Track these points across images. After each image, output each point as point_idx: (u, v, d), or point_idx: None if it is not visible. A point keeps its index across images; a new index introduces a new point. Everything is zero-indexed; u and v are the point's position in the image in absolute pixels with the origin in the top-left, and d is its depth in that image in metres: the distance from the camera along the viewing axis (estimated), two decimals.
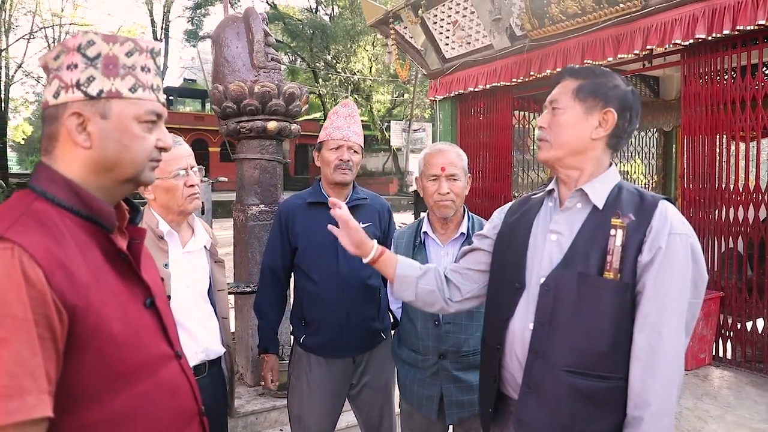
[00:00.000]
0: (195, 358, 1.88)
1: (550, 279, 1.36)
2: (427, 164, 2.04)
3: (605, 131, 1.37)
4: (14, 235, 0.87)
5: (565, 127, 1.38)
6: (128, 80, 1.01)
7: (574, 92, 1.38)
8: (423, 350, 2.03)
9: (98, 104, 0.98)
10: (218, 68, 3.44)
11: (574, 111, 1.37)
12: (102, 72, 0.99)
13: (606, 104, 1.36)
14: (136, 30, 38.14)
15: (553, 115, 1.41)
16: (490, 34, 6.74)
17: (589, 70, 1.41)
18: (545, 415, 1.34)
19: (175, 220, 1.91)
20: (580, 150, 1.38)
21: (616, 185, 1.39)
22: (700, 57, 4.92)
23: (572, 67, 1.44)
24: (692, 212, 5.01)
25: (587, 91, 1.37)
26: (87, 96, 0.98)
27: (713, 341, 4.86)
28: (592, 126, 1.37)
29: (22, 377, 0.82)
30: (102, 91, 0.98)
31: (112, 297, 0.98)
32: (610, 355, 1.29)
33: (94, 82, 0.98)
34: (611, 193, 1.37)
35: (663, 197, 1.36)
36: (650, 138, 9.39)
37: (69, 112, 0.98)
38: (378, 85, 28.95)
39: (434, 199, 2.01)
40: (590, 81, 1.38)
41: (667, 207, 1.32)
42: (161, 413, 1.04)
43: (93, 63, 0.98)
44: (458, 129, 8.12)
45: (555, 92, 1.43)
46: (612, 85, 1.38)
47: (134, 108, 1.02)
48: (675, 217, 1.31)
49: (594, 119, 1.37)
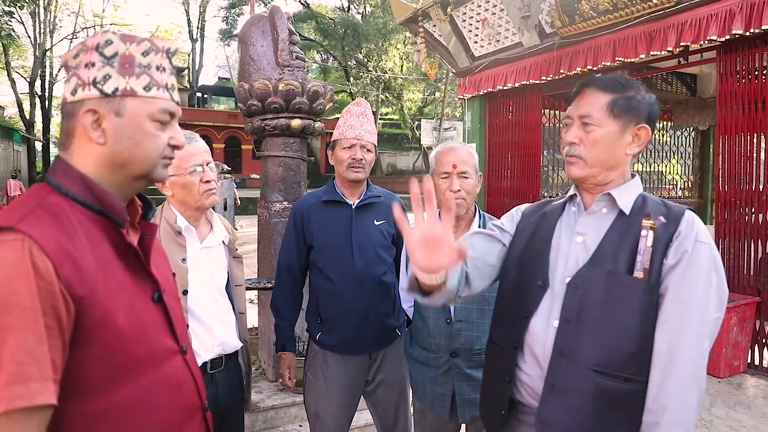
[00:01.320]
0: (212, 351, 1.91)
1: (578, 278, 1.36)
2: (439, 162, 2.05)
3: (639, 147, 1.38)
4: (26, 226, 0.90)
5: (601, 145, 1.36)
6: (143, 79, 1.03)
7: (608, 108, 1.35)
8: (435, 348, 2.02)
9: (113, 102, 1.01)
10: (244, 66, 3.49)
11: (610, 128, 1.35)
12: (118, 70, 1.01)
13: (639, 120, 1.36)
14: (173, 30, 39.01)
15: (585, 131, 1.37)
16: (519, 32, 6.65)
17: (617, 82, 1.38)
18: (569, 416, 1.32)
19: (192, 215, 1.94)
20: (614, 166, 1.39)
21: (640, 195, 1.41)
22: (736, 53, 4.76)
23: (599, 79, 1.40)
24: (727, 214, 4.86)
25: (621, 108, 1.35)
26: (102, 93, 1.00)
27: (748, 348, 4.70)
28: (627, 142, 1.37)
29: (28, 365, 0.85)
30: (117, 89, 1.01)
31: (119, 290, 1.00)
32: (637, 355, 1.29)
33: (110, 80, 1.01)
34: (636, 201, 1.39)
35: (688, 207, 1.37)
36: (686, 137, 9.13)
37: (85, 108, 1.00)
38: (409, 83, 28.90)
39: (445, 197, 2.01)
40: (621, 96, 1.36)
41: (693, 216, 1.34)
42: (164, 406, 1.06)
43: (110, 62, 1.01)
44: (486, 128, 8.05)
45: (585, 106, 1.38)
46: (641, 98, 1.37)
47: (148, 106, 1.04)
48: (701, 227, 1.32)
49: (628, 136, 1.37)
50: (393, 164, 33.33)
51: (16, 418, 0.84)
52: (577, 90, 1.44)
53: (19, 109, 29.56)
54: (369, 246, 2.25)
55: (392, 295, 2.32)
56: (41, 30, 28.06)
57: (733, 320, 4.49)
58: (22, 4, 19.98)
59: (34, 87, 28.79)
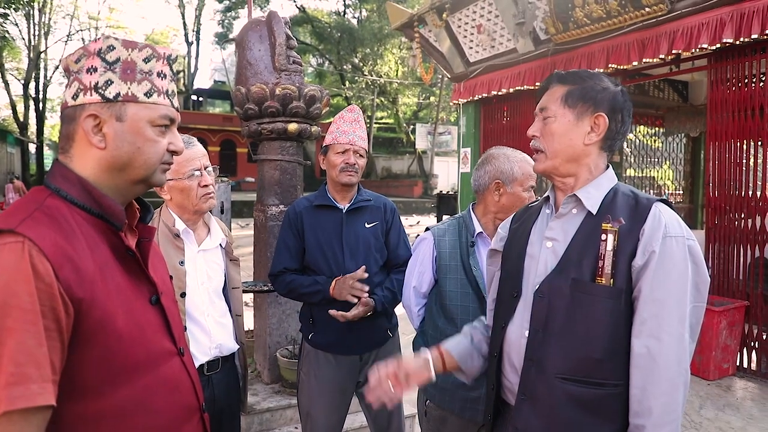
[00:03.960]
0: (208, 353, 1.93)
1: (544, 285, 1.35)
2: (528, 175, 2.01)
3: (597, 136, 1.35)
4: (25, 229, 0.91)
5: (557, 135, 1.36)
6: (144, 85, 1.05)
7: (563, 99, 1.36)
8: None
9: (114, 107, 1.03)
10: (241, 70, 3.52)
11: (565, 118, 1.35)
12: (120, 76, 1.03)
13: (596, 109, 1.34)
14: (169, 33, 38.95)
15: (544, 123, 1.39)
16: (514, 38, 6.71)
17: (576, 75, 1.39)
18: (540, 423, 1.33)
19: (190, 219, 1.97)
20: (575, 157, 1.36)
21: (612, 189, 1.36)
22: (727, 62, 4.82)
23: (559, 73, 1.42)
24: (717, 219, 4.91)
25: (576, 97, 1.35)
26: (104, 99, 1.02)
27: (737, 351, 4.75)
28: (584, 132, 1.35)
29: (27, 366, 0.86)
30: (119, 95, 1.03)
31: (118, 292, 1.01)
32: (605, 361, 1.27)
33: (111, 86, 1.02)
34: (606, 198, 1.34)
35: (658, 199, 1.32)
36: (677, 143, 9.22)
37: (86, 113, 1.02)
38: (404, 88, 29.00)
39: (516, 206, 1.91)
40: (578, 86, 1.36)
41: (660, 209, 1.28)
42: (162, 407, 1.07)
43: (112, 67, 1.03)
44: (481, 133, 8.10)
45: (543, 99, 1.41)
46: (600, 88, 1.35)
47: (149, 112, 1.06)
48: (670, 219, 1.27)
49: (585, 125, 1.34)
50: (388, 168, 33.38)
51: (15, 419, 0.85)
52: (542, 87, 1.44)
53: (13, 112, 29.43)
54: (360, 248, 2.29)
55: None
56: (36, 32, 27.97)
57: (722, 324, 4.54)
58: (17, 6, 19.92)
59: (28, 89, 28.68)
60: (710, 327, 4.47)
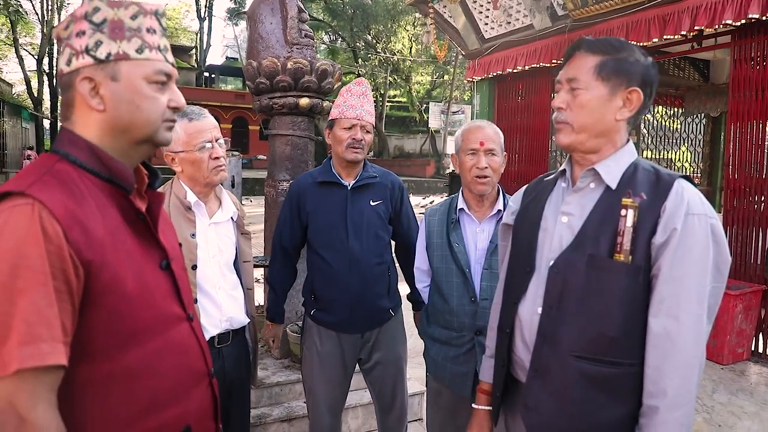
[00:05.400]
0: (219, 326, 1.93)
1: (559, 261, 1.32)
2: (466, 139, 2.03)
3: (630, 112, 1.29)
4: (35, 191, 0.91)
5: (587, 109, 1.28)
6: (134, 42, 1.03)
7: (597, 70, 1.28)
8: (458, 327, 2.01)
9: (107, 67, 1.01)
10: (253, 44, 3.47)
11: (598, 91, 1.28)
12: (109, 36, 1.01)
13: (630, 83, 1.27)
14: (181, 8, 38.73)
15: (573, 95, 1.31)
16: (530, 14, 6.57)
17: (608, 43, 1.31)
18: (552, 400, 1.31)
19: (202, 191, 1.95)
20: (604, 132, 1.30)
21: (632, 164, 1.31)
22: (752, 38, 4.68)
23: (588, 40, 1.34)
24: (736, 202, 4.82)
25: (610, 69, 1.27)
26: (96, 60, 1.01)
27: (752, 336, 4.70)
28: (617, 107, 1.28)
29: (38, 326, 0.86)
30: (110, 54, 1.01)
31: (128, 256, 1.01)
32: (620, 340, 1.24)
33: (101, 46, 1.01)
34: (626, 172, 1.29)
35: (680, 175, 1.28)
36: (697, 124, 9.04)
37: (81, 77, 1.01)
38: (417, 65, 28.69)
39: (472, 174, 1.99)
40: (612, 57, 1.28)
41: (683, 186, 1.24)
42: (170, 371, 1.08)
43: (100, 28, 1.01)
44: (495, 111, 7.99)
45: (572, 69, 1.32)
46: (634, 59, 1.29)
47: (142, 68, 1.04)
48: (693, 197, 1.23)
49: (618, 99, 1.28)
50: (400, 147, 33.21)
51: (27, 378, 0.86)
52: (567, 53, 1.36)
53: (27, 87, 29.61)
54: (364, 227, 2.25)
55: (387, 276, 2.32)
56: (49, 7, 27.96)
57: (738, 308, 4.48)
58: None
59: (41, 65, 28.79)
60: (726, 311, 4.41)
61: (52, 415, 0.89)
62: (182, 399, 1.11)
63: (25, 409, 0.86)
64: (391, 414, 2.45)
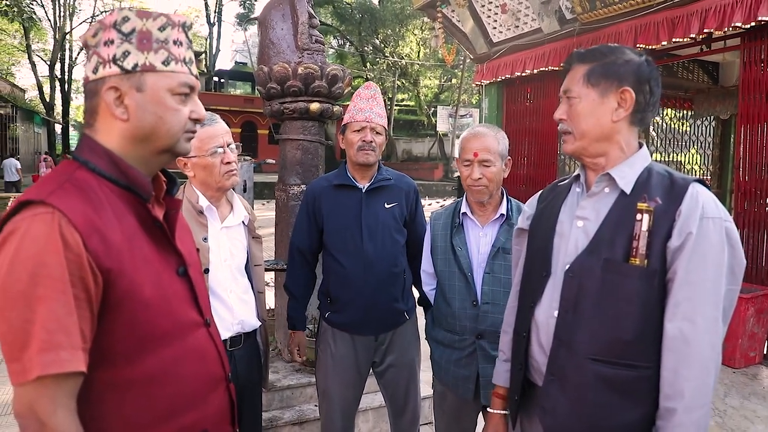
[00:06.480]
0: (231, 329, 1.95)
1: (575, 265, 1.33)
2: (462, 149, 2.05)
3: (626, 111, 1.31)
4: (55, 200, 0.93)
5: (583, 116, 1.33)
6: (161, 54, 1.04)
7: (585, 78, 1.33)
8: (460, 330, 2.03)
9: (134, 78, 1.03)
10: (264, 50, 3.51)
11: (589, 97, 1.32)
12: (137, 46, 1.03)
13: (620, 83, 1.30)
14: (191, 13, 39.01)
15: (569, 105, 1.36)
16: (539, 18, 6.58)
17: (596, 51, 1.35)
18: (568, 404, 1.32)
19: (214, 196, 1.97)
20: (604, 136, 1.33)
21: (646, 168, 1.32)
22: (762, 41, 4.66)
23: (578, 52, 1.38)
24: (747, 204, 4.79)
25: (598, 74, 1.32)
26: (123, 70, 1.02)
27: (765, 340, 4.66)
28: (611, 109, 1.31)
29: (58, 333, 0.88)
30: (137, 65, 1.02)
31: (145, 263, 1.03)
32: (636, 343, 1.25)
33: (129, 57, 1.02)
34: (640, 177, 1.31)
35: (695, 179, 1.29)
36: (706, 127, 8.98)
37: (107, 86, 1.02)
38: (425, 69, 28.72)
39: (467, 184, 2.02)
40: (599, 63, 1.32)
41: (698, 190, 1.25)
42: (188, 377, 1.09)
43: (128, 38, 1.02)
44: (504, 115, 7.99)
45: (566, 81, 1.38)
46: (622, 61, 1.32)
47: (167, 80, 1.05)
48: (707, 201, 1.24)
49: (611, 101, 1.31)
50: (408, 150, 33.22)
51: (48, 384, 0.88)
52: (564, 69, 1.41)
53: (40, 92, 29.91)
54: (379, 230, 2.26)
55: (402, 279, 2.33)
56: (61, 13, 28.28)
57: (750, 311, 4.45)
58: None
59: (54, 70, 29.10)
60: (737, 314, 4.38)
61: (72, 420, 0.91)
62: (200, 404, 1.12)
63: (45, 415, 0.88)
64: (403, 417, 2.45)
